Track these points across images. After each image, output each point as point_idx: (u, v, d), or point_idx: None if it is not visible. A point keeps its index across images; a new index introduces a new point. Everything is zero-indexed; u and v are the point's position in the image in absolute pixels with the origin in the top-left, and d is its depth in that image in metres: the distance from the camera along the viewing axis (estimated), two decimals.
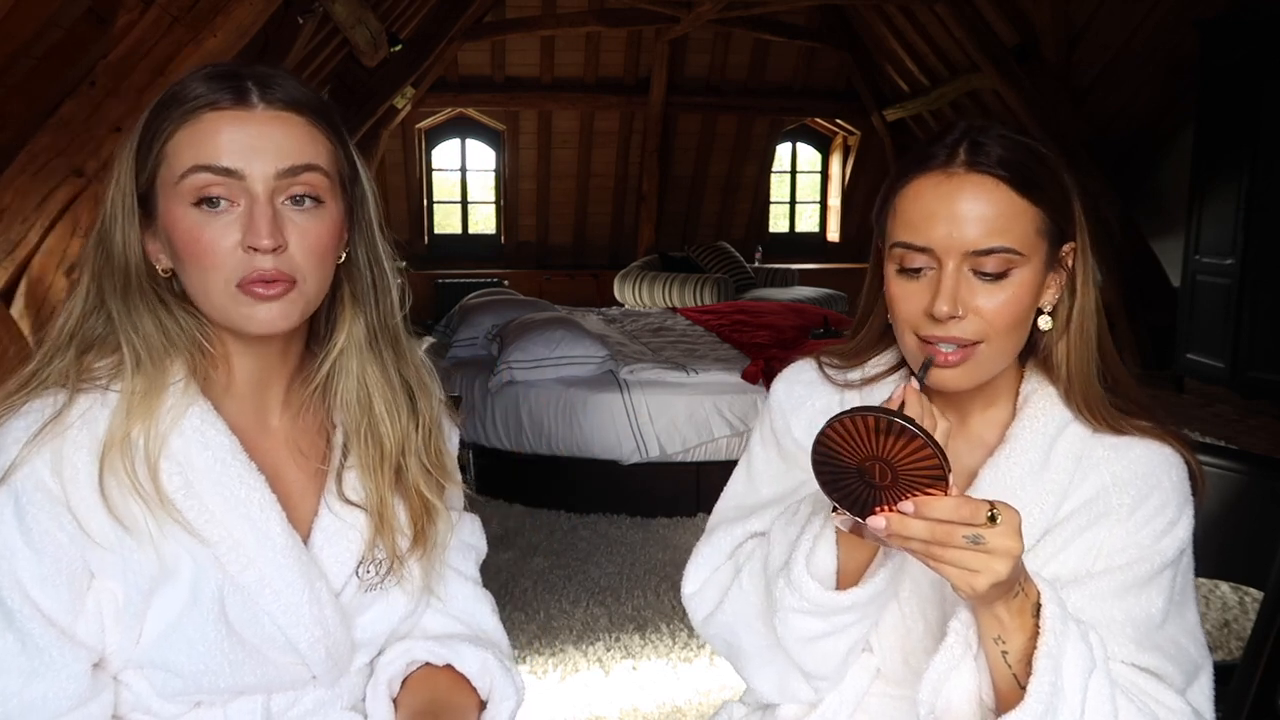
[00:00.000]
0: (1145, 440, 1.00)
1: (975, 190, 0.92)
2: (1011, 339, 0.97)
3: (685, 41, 8.39)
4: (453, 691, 1.03)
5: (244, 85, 0.89)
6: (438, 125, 9.01)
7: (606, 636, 2.86)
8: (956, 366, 0.95)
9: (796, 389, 1.14)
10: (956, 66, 7.33)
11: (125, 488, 0.87)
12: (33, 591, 0.86)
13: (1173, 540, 0.97)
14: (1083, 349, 1.00)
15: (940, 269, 0.93)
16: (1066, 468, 0.99)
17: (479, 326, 4.56)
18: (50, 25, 2.31)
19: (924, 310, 0.94)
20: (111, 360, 0.91)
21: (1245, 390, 5.35)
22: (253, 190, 0.87)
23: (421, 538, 1.02)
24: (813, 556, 0.94)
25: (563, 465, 3.97)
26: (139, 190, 0.90)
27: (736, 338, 4.82)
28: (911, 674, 1.04)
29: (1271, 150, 5.02)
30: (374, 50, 5.15)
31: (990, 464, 1.01)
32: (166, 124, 0.88)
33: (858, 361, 1.12)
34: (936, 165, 0.94)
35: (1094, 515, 0.98)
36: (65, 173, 2.44)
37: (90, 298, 0.92)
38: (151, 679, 0.92)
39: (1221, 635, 2.86)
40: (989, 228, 0.92)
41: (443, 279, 8.57)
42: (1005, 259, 0.92)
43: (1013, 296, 0.94)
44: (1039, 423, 1.00)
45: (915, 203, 0.94)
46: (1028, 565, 0.95)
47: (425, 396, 1.04)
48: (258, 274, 0.88)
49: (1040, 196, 0.94)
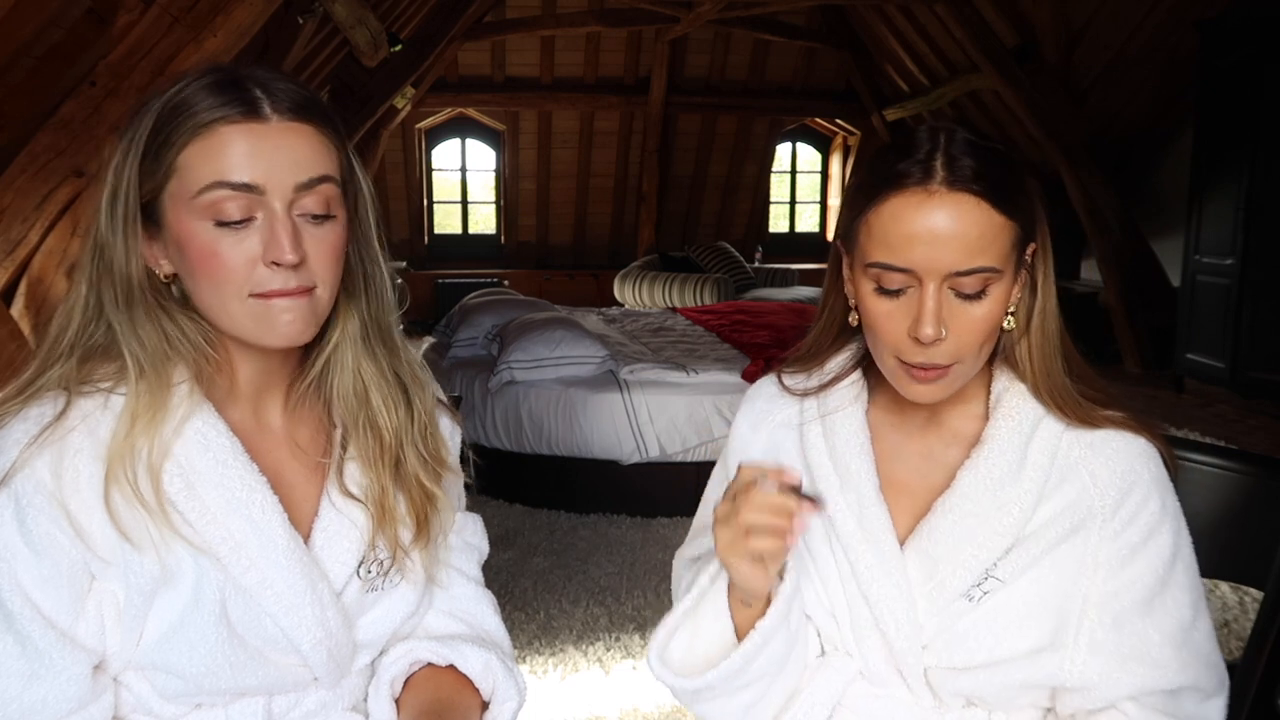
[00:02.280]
0: (1120, 433, 1.00)
1: (955, 210, 0.90)
2: (984, 352, 0.97)
3: (685, 41, 8.39)
4: (455, 692, 1.03)
5: (253, 95, 0.88)
6: (438, 125, 9.01)
7: (606, 636, 2.86)
8: (933, 383, 0.96)
9: (758, 405, 1.16)
10: (956, 66, 7.34)
11: (130, 500, 0.87)
12: (33, 594, 0.86)
13: (1166, 534, 0.98)
14: (1045, 346, 1.00)
15: (921, 288, 0.93)
16: (1043, 465, 0.99)
17: (479, 326, 4.56)
18: (50, 25, 2.31)
19: (907, 333, 0.94)
20: (114, 367, 0.91)
21: (1245, 390, 5.35)
22: (272, 204, 0.87)
23: (423, 528, 1.02)
24: (696, 635, 1.02)
25: (563, 465, 3.97)
26: (142, 199, 0.89)
27: (736, 338, 4.82)
28: (897, 675, 1.04)
29: (1271, 150, 5.02)
30: (374, 50, 5.15)
31: (969, 465, 1.01)
32: (176, 135, 0.87)
33: (817, 364, 1.12)
34: (913, 183, 0.92)
35: (1076, 520, 0.98)
36: (65, 173, 2.44)
37: (89, 308, 0.91)
38: (152, 680, 0.92)
39: (1221, 635, 2.86)
40: (970, 249, 0.91)
41: (443, 279, 8.58)
42: (984, 278, 0.92)
43: (989, 313, 0.94)
44: (1014, 421, 1.01)
45: (893, 223, 0.92)
46: (1002, 570, 0.98)
47: (419, 389, 1.05)
48: (280, 288, 0.88)
49: (1014, 210, 0.93)
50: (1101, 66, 6.26)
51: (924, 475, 1.05)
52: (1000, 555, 0.98)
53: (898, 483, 1.06)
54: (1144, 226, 6.47)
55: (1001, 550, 0.98)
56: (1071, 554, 0.98)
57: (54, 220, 2.48)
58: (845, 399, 1.09)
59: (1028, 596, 0.98)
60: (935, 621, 1.00)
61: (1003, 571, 0.98)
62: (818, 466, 1.08)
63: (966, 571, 0.99)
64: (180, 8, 2.47)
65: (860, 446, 1.06)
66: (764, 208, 9.82)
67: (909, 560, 1.02)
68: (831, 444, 1.08)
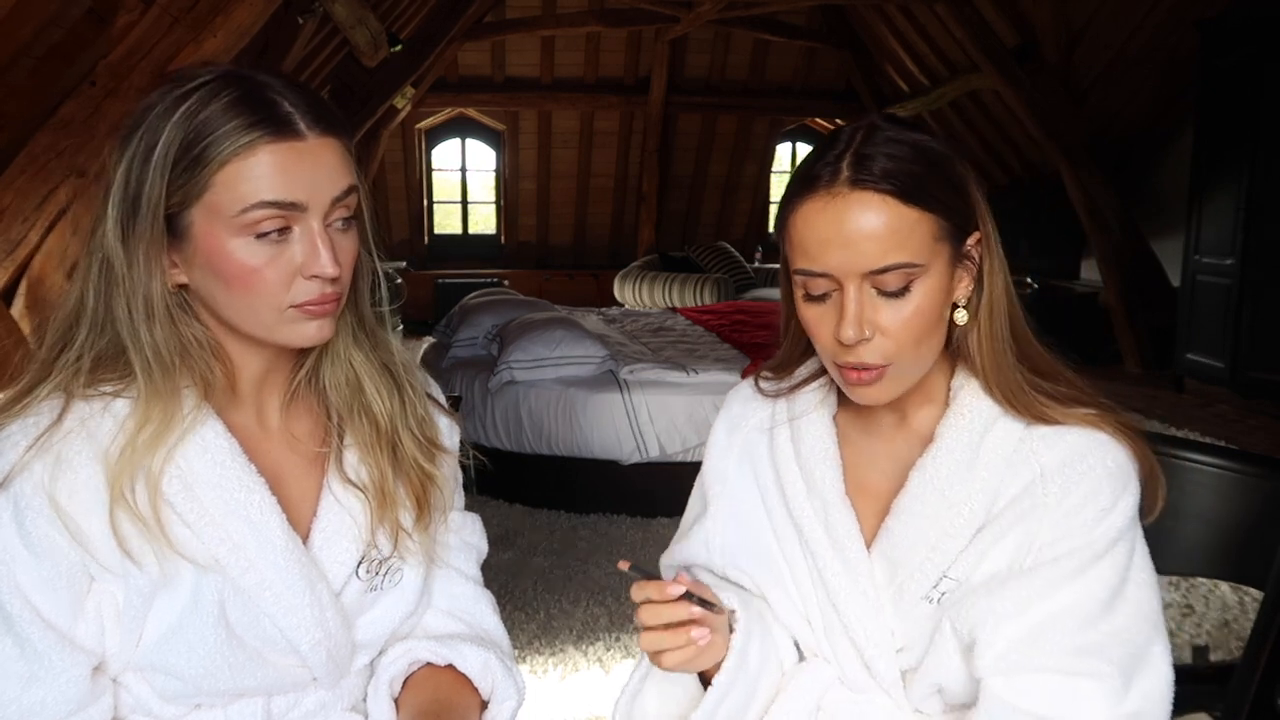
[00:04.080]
0: (1079, 428, 0.97)
1: (862, 209, 0.89)
2: (924, 348, 0.95)
3: (685, 41, 8.40)
4: (455, 691, 1.03)
5: (284, 110, 0.87)
6: (438, 125, 9.01)
7: (606, 636, 2.86)
8: (872, 385, 0.95)
9: (734, 409, 1.16)
10: (956, 66, 7.34)
11: (131, 517, 0.87)
12: (32, 596, 0.86)
13: (1107, 527, 0.93)
14: (991, 337, 0.98)
15: (842, 291, 0.92)
16: (996, 466, 0.97)
17: (479, 326, 4.56)
18: (50, 25, 2.31)
19: (834, 336, 0.93)
20: (118, 373, 0.91)
21: (1245, 390, 5.35)
22: (311, 219, 0.89)
23: (424, 509, 1.03)
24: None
25: (563, 465, 3.97)
26: (166, 212, 0.88)
27: (736, 338, 4.82)
28: (873, 681, 1.03)
29: (1271, 150, 5.02)
30: (374, 50, 5.15)
31: (919, 465, 1.00)
32: (213, 152, 0.85)
33: (787, 372, 1.12)
34: (821, 186, 0.91)
35: (1024, 509, 0.95)
36: (65, 173, 2.44)
37: (97, 319, 0.90)
38: (151, 681, 0.92)
39: (1221, 635, 2.86)
40: (883, 246, 0.90)
41: (443, 279, 8.58)
42: (905, 274, 0.91)
43: (917, 309, 0.92)
44: (965, 419, 0.99)
45: (806, 229, 0.92)
46: (958, 568, 0.97)
47: (409, 377, 1.06)
48: (319, 297, 0.90)
49: (931, 203, 0.91)
50: (1101, 66, 6.26)
51: (890, 477, 1.04)
52: (954, 558, 0.97)
53: (867, 486, 1.05)
54: (1144, 226, 6.47)
55: (955, 551, 0.97)
56: (1016, 542, 0.95)
57: (54, 220, 2.48)
58: (812, 403, 1.09)
59: None
60: (904, 626, 0.99)
61: (957, 571, 0.97)
62: (785, 471, 1.07)
63: (923, 575, 0.98)
64: (180, 8, 2.48)
65: (825, 451, 1.05)
66: (764, 208, 9.82)
67: (875, 565, 1.01)
68: (798, 448, 1.07)
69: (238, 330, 0.93)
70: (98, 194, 0.91)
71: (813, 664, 1.07)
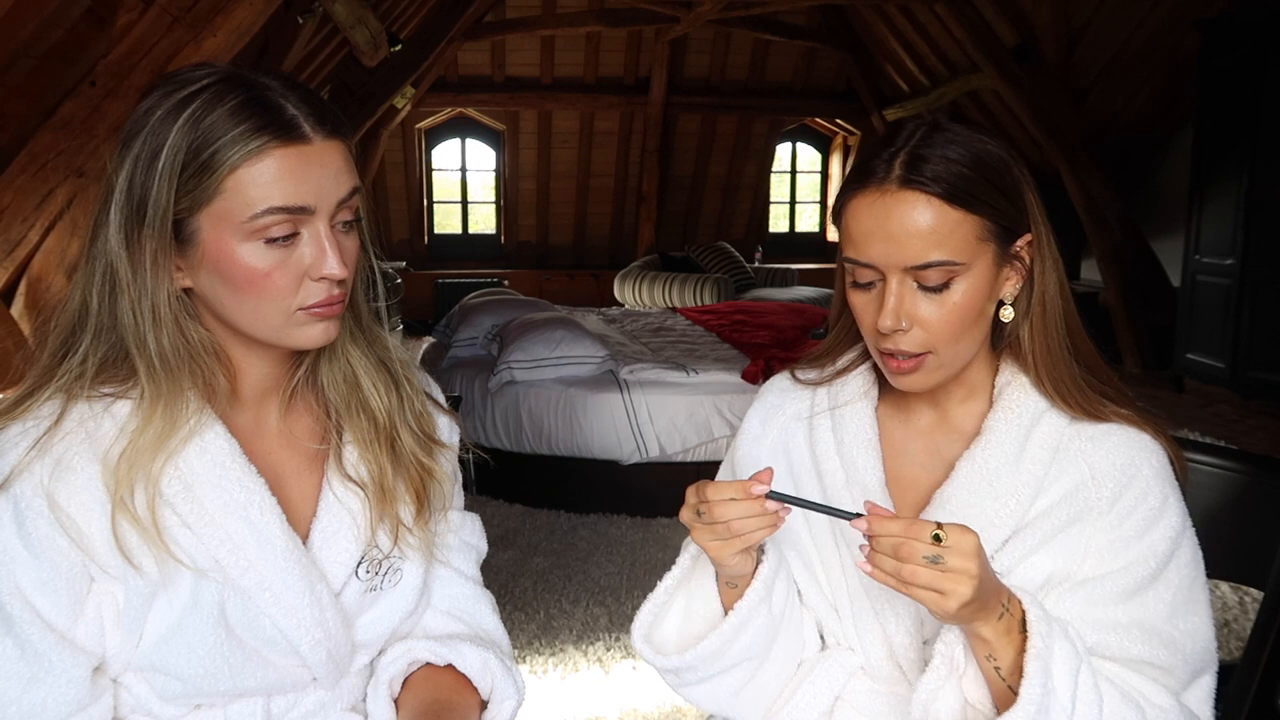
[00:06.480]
0: (1123, 428, 0.99)
1: (909, 208, 0.93)
2: (963, 343, 0.98)
3: (685, 41, 8.39)
4: (454, 691, 1.03)
5: (290, 114, 0.87)
6: (438, 125, 9.01)
7: (606, 636, 2.86)
8: (911, 373, 0.98)
9: (770, 399, 1.17)
10: (956, 66, 7.34)
11: (131, 524, 0.87)
12: (32, 597, 0.86)
13: (1163, 532, 0.96)
14: (1045, 334, 1.01)
15: (885, 281, 0.95)
16: (1043, 459, 0.99)
17: (479, 326, 4.56)
18: (50, 25, 2.31)
19: (874, 324, 0.97)
20: (120, 375, 0.91)
21: (1245, 390, 5.35)
22: (319, 222, 0.89)
23: (424, 504, 1.04)
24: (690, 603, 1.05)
25: (563, 465, 3.97)
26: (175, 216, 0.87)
27: (736, 338, 4.82)
28: (897, 670, 1.04)
29: (1271, 150, 5.02)
30: (374, 50, 5.15)
31: (966, 456, 1.01)
32: (222, 157, 0.85)
33: (830, 360, 1.14)
34: (874, 181, 0.95)
35: (1073, 511, 0.97)
36: (65, 173, 2.44)
37: (101, 324, 0.90)
38: (151, 682, 0.92)
39: (1221, 635, 2.86)
40: (925, 243, 0.93)
41: (443, 279, 8.57)
42: (945, 271, 0.94)
43: (956, 306, 0.95)
44: (1013, 414, 1.01)
45: (855, 220, 0.96)
46: (1000, 561, 0.97)
47: (406, 372, 1.06)
48: (326, 299, 0.90)
49: (977, 205, 0.94)
50: (1101, 66, 6.26)
51: (929, 470, 1.06)
52: (997, 548, 0.98)
53: (904, 478, 1.06)
54: (1144, 226, 6.47)
55: (999, 542, 0.98)
56: (1067, 545, 0.97)
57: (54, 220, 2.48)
58: (855, 392, 1.10)
59: (1025, 589, 0.97)
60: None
61: (1000, 564, 0.98)
62: (824, 460, 1.08)
63: None
64: (180, 7, 2.48)
65: (867, 441, 1.07)
66: (764, 208, 9.82)
67: None
68: (839, 438, 1.08)
69: (243, 333, 0.93)
70: (97, 196, 0.90)
71: (835, 653, 1.08)
